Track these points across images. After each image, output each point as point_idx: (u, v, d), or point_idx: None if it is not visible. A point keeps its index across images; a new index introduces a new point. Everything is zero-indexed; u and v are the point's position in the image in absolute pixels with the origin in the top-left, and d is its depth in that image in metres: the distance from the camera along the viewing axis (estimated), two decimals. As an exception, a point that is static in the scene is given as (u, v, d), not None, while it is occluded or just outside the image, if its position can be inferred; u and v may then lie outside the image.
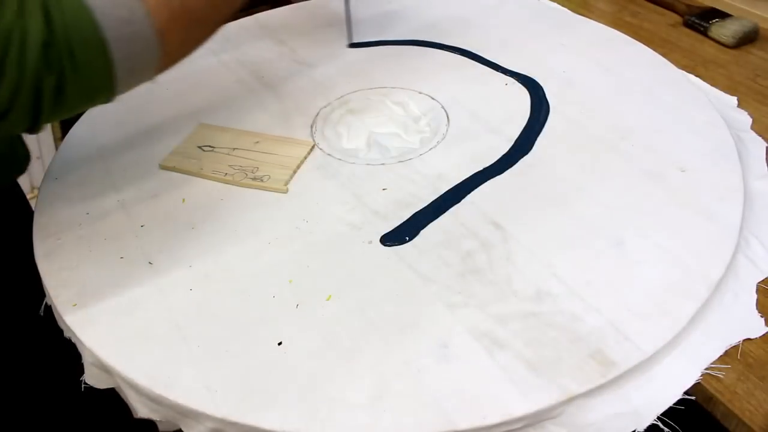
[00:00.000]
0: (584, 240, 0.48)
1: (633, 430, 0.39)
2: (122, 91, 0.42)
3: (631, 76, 0.66)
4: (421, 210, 0.52)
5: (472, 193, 0.53)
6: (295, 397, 0.40)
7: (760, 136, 0.59)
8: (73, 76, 0.37)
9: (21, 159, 0.60)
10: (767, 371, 0.41)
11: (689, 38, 0.76)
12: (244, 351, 0.43)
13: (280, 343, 0.43)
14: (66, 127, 0.67)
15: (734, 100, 0.64)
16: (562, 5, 0.82)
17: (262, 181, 0.56)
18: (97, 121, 0.66)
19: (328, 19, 0.81)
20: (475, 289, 0.45)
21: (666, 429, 0.39)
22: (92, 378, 0.45)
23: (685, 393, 0.40)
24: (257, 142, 0.61)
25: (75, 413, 0.68)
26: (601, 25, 0.75)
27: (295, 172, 0.57)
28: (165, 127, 0.64)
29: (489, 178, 0.54)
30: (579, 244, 0.48)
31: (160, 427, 0.43)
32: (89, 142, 0.63)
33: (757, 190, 0.53)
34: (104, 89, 0.40)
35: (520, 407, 0.38)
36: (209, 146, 0.60)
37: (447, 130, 0.61)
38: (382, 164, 0.58)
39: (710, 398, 0.40)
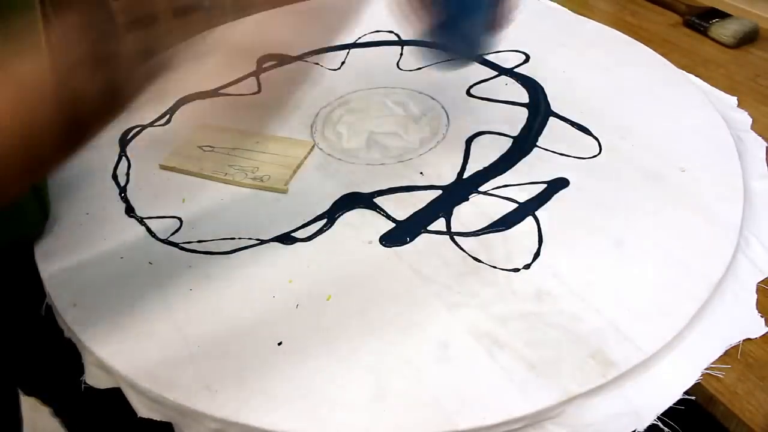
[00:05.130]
0: (584, 240, 0.48)
1: (633, 430, 0.39)
2: None
3: (631, 76, 0.66)
4: (421, 210, 0.52)
5: (472, 193, 0.53)
6: (295, 397, 0.40)
7: (760, 136, 0.59)
8: None
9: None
10: (767, 371, 0.41)
11: (689, 38, 0.75)
12: (244, 351, 0.43)
13: (280, 343, 0.43)
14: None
15: (734, 100, 0.64)
16: (562, 5, 0.82)
17: (262, 181, 0.56)
18: (97, 121, 0.66)
19: (329, 19, 0.81)
20: (475, 289, 0.45)
21: (666, 429, 0.39)
22: (92, 378, 0.45)
23: (685, 393, 0.40)
24: (257, 142, 0.60)
25: (76, 413, 0.68)
26: (601, 25, 0.75)
27: (295, 172, 0.57)
28: (165, 126, 0.64)
29: (489, 179, 0.54)
30: (579, 244, 0.48)
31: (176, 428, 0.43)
32: (89, 142, 0.63)
33: (757, 190, 0.53)
34: None
35: (520, 407, 0.38)
36: (209, 146, 0.60)
37: (447, 130, 0.61)
38: (382, 164, 0.57)
39: (710, 398, 0.40)
